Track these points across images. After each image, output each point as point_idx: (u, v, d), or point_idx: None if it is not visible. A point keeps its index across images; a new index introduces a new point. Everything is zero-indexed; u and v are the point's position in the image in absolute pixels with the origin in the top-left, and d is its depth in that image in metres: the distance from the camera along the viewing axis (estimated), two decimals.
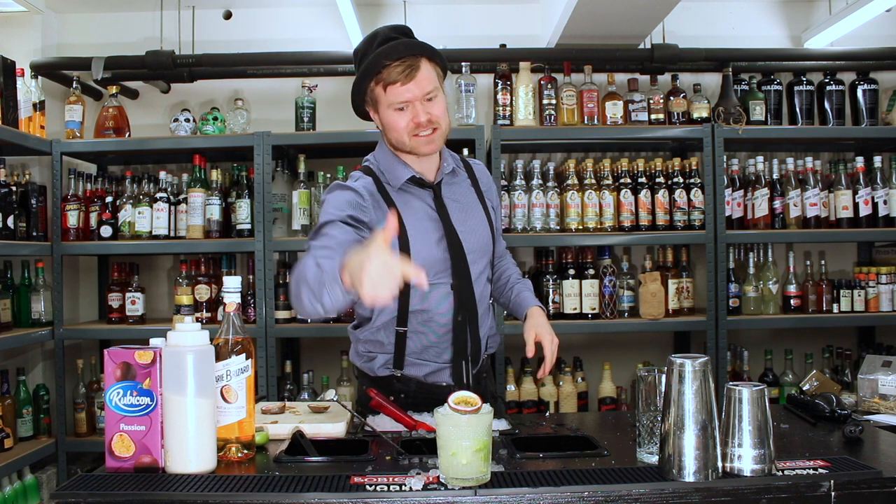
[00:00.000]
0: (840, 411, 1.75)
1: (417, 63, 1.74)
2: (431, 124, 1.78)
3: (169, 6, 3.54)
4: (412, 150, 1.81)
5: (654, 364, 3.25)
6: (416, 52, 1.74)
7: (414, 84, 1.74)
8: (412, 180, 1.84)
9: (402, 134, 1.78)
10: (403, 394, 1.88)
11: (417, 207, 1.84)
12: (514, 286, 2.05)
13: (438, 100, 1.80)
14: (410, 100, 1.75)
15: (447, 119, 1.83)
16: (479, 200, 1.95)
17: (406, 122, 1.77)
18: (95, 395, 3.25)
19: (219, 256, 3.35)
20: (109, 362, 1.38)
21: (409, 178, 1.84)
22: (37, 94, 3.18)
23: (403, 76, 1.73)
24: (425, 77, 1.75)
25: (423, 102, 1.76)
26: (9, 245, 2.94)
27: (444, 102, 1.83)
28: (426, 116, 1.76)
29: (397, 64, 1.73)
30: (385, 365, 1.89)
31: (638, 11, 3.01)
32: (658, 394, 1.42)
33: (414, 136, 1.78)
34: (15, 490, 2.95)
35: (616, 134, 3.25)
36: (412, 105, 1.76)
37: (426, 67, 1.76)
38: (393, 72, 1.73)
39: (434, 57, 1.80)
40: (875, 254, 3.55)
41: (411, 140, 1.79)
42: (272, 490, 1.28)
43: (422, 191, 1.86)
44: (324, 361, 3.49)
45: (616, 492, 1.26)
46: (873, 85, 3.39)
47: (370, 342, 1.91)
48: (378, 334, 1.88)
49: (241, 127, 3.36)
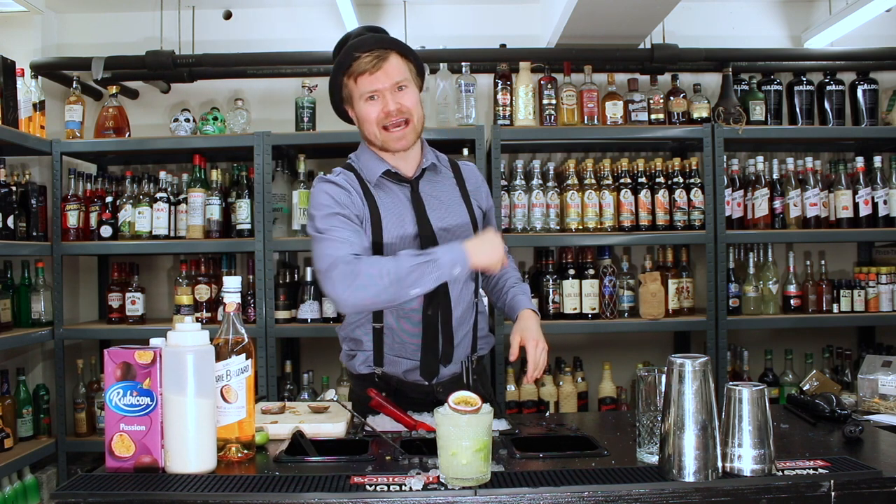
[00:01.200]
0: (840, 411, 1.75)
1: (386, 55, 1.78)
2: (402, 114, 1.79)
3: (169, 6, 3.54)
4: (383, 145, 1.83)
5: (654, 364, 3.24)
6: (385, 46, 1.79)
7: (382, 73, 1.77)
8: (388, 175, 1.86)
9: (373, 126, 1.81)
10: (385, 392, 1.88)
11: (395, 201, 1.86)
12: (509, 290, 2.02)
13: (409, 91, 1.81)
14: (380, 89, 1.78)
15: (419, 113, 1.84)
16: (463, 199, 1.94)
17: (377, 112, 1.79)
18: (95, 395, 3.25)
19: (219, 256, 3.35)
20: (109, 362, 1.38)
21: (386, 173, 1.85)
22: (37, 94, 3.18)
23: (371, 66, 1.76)
24: (394, 67, 1.78)
25: (394, 92, 1.78)
26: (9, 245, 2.94)
27: (417, 96, 1.83)
28: (395, 105, 1.78)
29: (367, 55, 1.76)
30: (365, 363, 1.92)
31: (638, 11, 3.01)
32: (658, 394, 1.42)
33: (384, 129, 1.80)
34: (15, 490, 2.95)
35: (616, 134, 3.25)
36: (382, 95, 1.79)
37: (396, 60, 1.79)
38: (362, 62, 1.76)
39: (406, 53, 1.83)
40: (875, 254, 3.55)
41: (382, 134, 1.81)
42: (272, 490, 1.28)
43: (398, 185, 1.87)
44: (324, 361, 3.49)
45: (616, 492, 1.26)
46: (873, 85, 3.39)
47: (351, 340, 1.94)
48: (356, 332, 1.91)
49: (241, 127, 3.36)
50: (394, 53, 1.79)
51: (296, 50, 3.41)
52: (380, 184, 1.86)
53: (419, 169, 1.88)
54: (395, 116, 1.78)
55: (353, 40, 1.80)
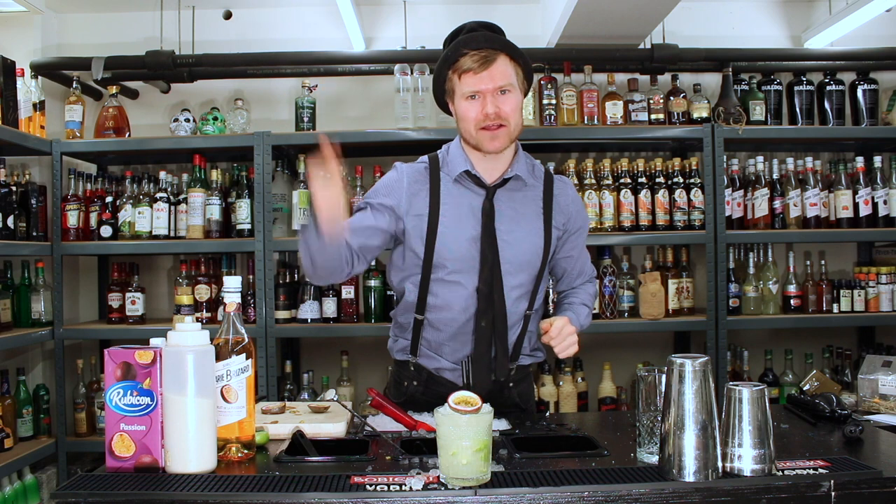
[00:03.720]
0: (840, 411, 1.75)
1: (495, 56, 1.76)
2: (499, 118, 1.76)
3: (169, 6, 3.54)
4: (477, 143, 1.80)
5: (654, 364, 3.24)
6: (495, 46, 1.77)
7: (487, 74, 1.74)
8: (469, 175, 1.84)
9: (471, 125, 1.78)
10: (416, 381, 1.91)
11: (463, 202, 1.84)
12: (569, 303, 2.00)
13: (511, 96, 1.78)
14: (483, 90, 1.75)
15: (517, 119, 1.80)
16: (543, 215, 1.88)
17: (476, 112, 1.77)
18: (95, 395, 3.25)
19: (219, 256, 3.35)
20: (109, 362, 1.38)
21: (466, 172, 1.83)
22: (37, 94, 3.18)
23: (477, 65, 1.74)
24: (500, 70, 1.76)
25: (496, 95, 1.76)
26: (9, 245, 2.94)
27: (519, 102, 1.81)
28: (494, 109, 1.75)
29: (474, 53, 1.75)
30: (403, 350, 1.94)
31: (638, 11, 3.01)
32: (658, 394, 1.42)
33: (481, 129, 1.77)
34: (15, 490, 2.95)
35: (616, 134, 3.25)
36: (483, 96, 1.76)
37: (503, 62, 1.77)
38: (468, 60, 1.75)
39: (516, 57, 1.80)
40: (875, 254, 3.55)
41: (477, 133, 1.78)
42: (272, 490, 1.28)
43: (476, 188, 1.85)
44: (324, 361, 3.49)
45: (616, 492, 1.26)
46: (873, 85, 3.39)
47: (398, 325, 1.97)
48: (403, 316, 1.94)
49: (241, 127, 3.36)
50: (502, 55, 1.77)
51: (296, 50, 3.41)
52: (460, 180, 1.85)
53: (501, 178, 1.85)
54: (493, 120, 1.76)
55: (464, 35, 1.79)
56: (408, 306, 1.91)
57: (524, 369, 2.01)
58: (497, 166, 1.85)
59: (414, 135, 3.15)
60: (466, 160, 1.84)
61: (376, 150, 3.43)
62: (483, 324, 1.82)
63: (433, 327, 1.88)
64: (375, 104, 3.61)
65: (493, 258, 1.80)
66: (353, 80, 3.59)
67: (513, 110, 1.78)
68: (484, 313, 1.82)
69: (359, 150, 3.46)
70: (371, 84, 3.61)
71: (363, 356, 3.48)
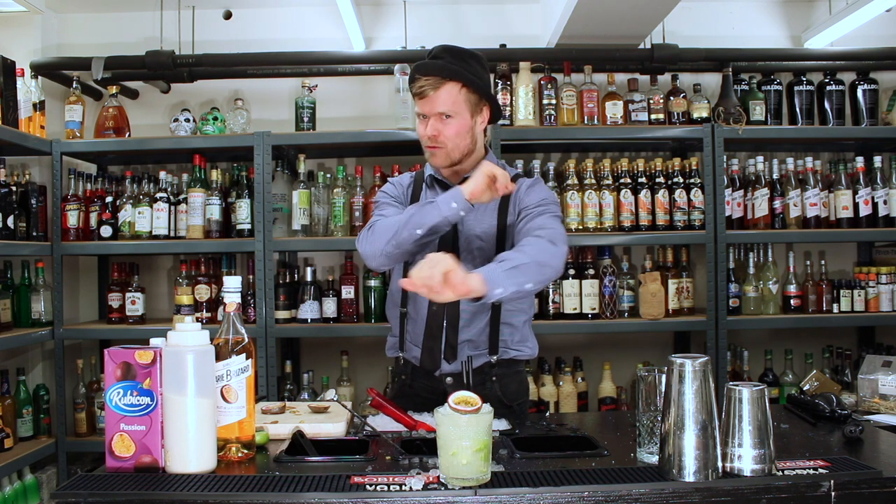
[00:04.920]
0: (840, 411, 1.75)
1: (441, 84, 1.88)
2: (436, 141, 1.91)
3: (169, 6, 3.54)
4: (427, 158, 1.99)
5: (654, 364, 3.24)
6: (442, 75, 1.88)
7: (430, 100, 1.89)
8: (435, 180, 2.04)
9: (422, 139, 1.96)
10: (404, 375, 2.04)
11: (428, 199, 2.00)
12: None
13: (452, 122, 1.90)
14: (427, 113, 1.91)
15: (460, 142, 1.93)
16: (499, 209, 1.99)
17: (422, 131, 1.95)
18: (95, 395, 3.25)
19: (219, 256, 3.35)
20: (109, 362, 1.38)
21: (431, 177, 2.05)
22: (37, 94, 3.18)
23: (422, 91, 1.89)
24: (443, 98, 1.88)
25: (439, 120, 1.90)
26: (9, 245, 2.94)
27: (461, 126, 1.92)
28: (433, 132, 1.90)
29: (423, 80, 1.89)
30: (393, 346, 2.09)
31: (638, 11, 3.01)
32: (658, 394, 1.42)
33: (426, 146, 1.96)
34: (15, 490, 2.95)
35: (616, 134, 3.25)
36: (429, 118, 1.91)
37: (450, 89, 1.89)
38: (417, 85, 1.90)
39: (468, 83, 1.90)
40: (875, 254, 3.55)
41: (425, 149, 1.97)
42: (272, 490, 1.28)
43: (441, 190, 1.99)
44: (324, 361, 3.49)
45: (616, 492, 1.26)
46: (873, 85, 3.39)
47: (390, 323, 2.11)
48: (391, 313, 2.09)
49: (241, 127, 3.36)
50: (450, 83, 1.88)
51: (296, 50, 3.41)
52: (431, 185, 2.05)
53: (461, 178, 1.98)
54: (431, 142, 1.92)
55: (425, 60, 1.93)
56: (394, 300, 2.07)
57: (510, 364, 2.01)
58: (460, 171, 2.00)
59: (414, 135, 3.10)
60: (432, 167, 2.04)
61: (376, 150, 3.43)
62: (434, 308, 1.94)
63: (411, 319, 2.01)
64: (375, 104, 3.61)
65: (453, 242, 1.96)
66: (352, 80, 3.59)
67: (454, 134, 1.91)
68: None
69: (359, 150, 3.46)
70: (371, 84, 3.61)
71: (363, 356, 3.48)
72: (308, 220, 3.22)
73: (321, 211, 3.23)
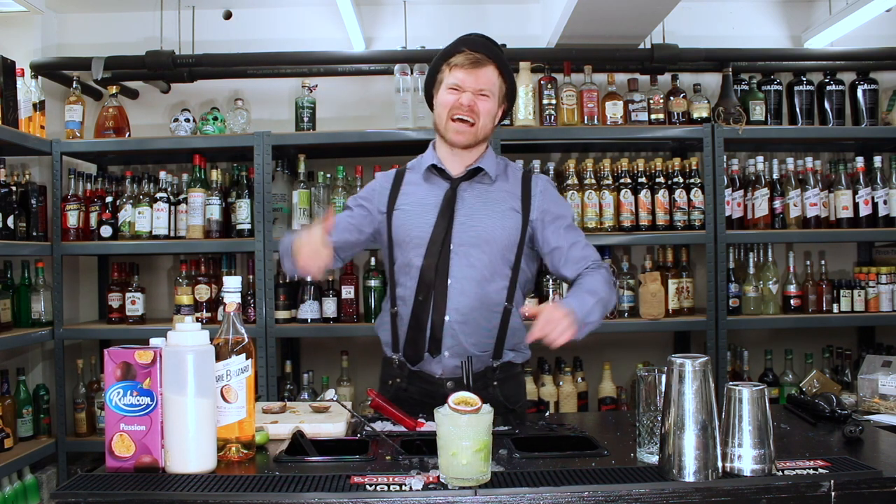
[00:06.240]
0: (840, 411, 1.75)
1: (486, 63, 1.89)
2: (472, 113, 1.88)
3: (169, 6, 3.54)
4: (445, 133, 1.93)
5: (654, 364, 3.24)
6: (489, 55, 1.90)
7: (473, 74, 1.88)
8: (436, 169, 1.97)
9: (444, 111, 1.91)
10: (398, 378, 1.97)
11: (430, 194, 1.95)
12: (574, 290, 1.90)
13: (489, 101, 1.91)
14: (465, 86, 1.89)
15: (487, 123, 1.92)
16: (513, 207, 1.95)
17: (453, 101, 1.90)
18: (95, 395, 3.25)
19: (219, 256, 3.35)
20: (109, 362, 1.38)
21: (432, 166, 1.97)
22: (37, 94, 3.18)
23: (469, 63, 1.88)
24: (486, 75, 1.89)
25: (475, 95, 1.89)
26: (9, 245, 2.94)
27: (493, 110, 1.93)
28: (469, 102, 1.88)
29: (469, 53, 1.89)
30: (387, 345, 2.04)
31: (638, 11, 3.01)
32: (658, 394, 1.42)
33: (451, 119, 1.90)
34: (15, 490, 2.95)
35: (616, 134, 3.25)
36: (464, 91, 1.89)
37: (492, 71, 1.90)
38: (462, 57, 1.89)
39: (504, 73, 1.92)
40: (875, 254, 3.55)
41: (447, 123, 1.91)
42: (272, 490, 1.28)
43: (441, 180, 1.97)
44: (324, 361, 3.49)
45: (616, 492, 1.26)
46: (873, 85, 3.39)
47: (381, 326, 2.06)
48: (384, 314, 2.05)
49: (241, 127, 3.36)
50: (493, 65, 1.90)
51: (296, 50, 3.41)
52: (428, 177, 1.98)
53: (466, 170, 1.95)
54: (465, 112, 1.88)
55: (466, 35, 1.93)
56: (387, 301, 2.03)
57: (510, 367, 2.01)
58: (464, 161, 1.97)
59: (414, 135, 3.15)
60: (434, 156, 1.98)
61: (376, 150, 3.43)
62: (420, 298, 1.89)
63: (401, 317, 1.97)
64: (375, 104, 3.60)
65: (444, 236, 1.89)
66: (352, 80, 3.59)
67: (485, 113, 1.91)
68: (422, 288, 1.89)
69: (359, 150, 3.46)
70: (371, 84, 3.61)
71: (363, 356, 3.48)
72: (308, 220, 3.22)
73: (321, 211, 3.23)
